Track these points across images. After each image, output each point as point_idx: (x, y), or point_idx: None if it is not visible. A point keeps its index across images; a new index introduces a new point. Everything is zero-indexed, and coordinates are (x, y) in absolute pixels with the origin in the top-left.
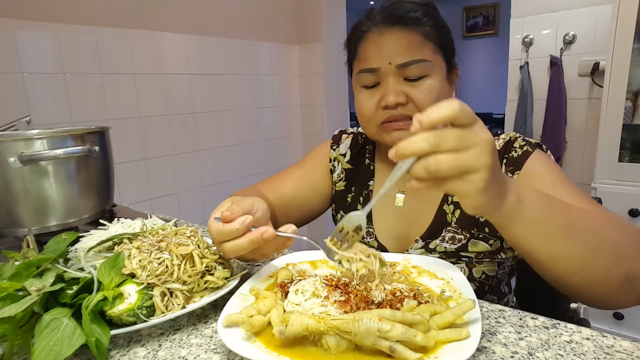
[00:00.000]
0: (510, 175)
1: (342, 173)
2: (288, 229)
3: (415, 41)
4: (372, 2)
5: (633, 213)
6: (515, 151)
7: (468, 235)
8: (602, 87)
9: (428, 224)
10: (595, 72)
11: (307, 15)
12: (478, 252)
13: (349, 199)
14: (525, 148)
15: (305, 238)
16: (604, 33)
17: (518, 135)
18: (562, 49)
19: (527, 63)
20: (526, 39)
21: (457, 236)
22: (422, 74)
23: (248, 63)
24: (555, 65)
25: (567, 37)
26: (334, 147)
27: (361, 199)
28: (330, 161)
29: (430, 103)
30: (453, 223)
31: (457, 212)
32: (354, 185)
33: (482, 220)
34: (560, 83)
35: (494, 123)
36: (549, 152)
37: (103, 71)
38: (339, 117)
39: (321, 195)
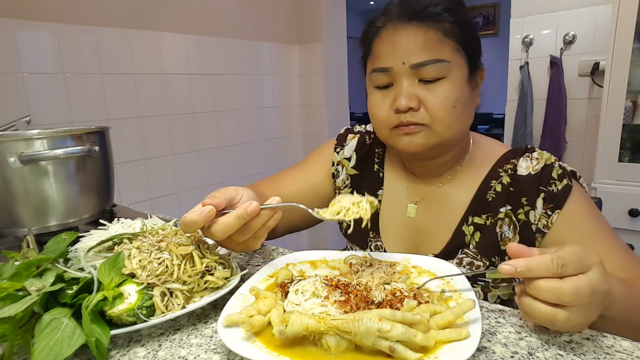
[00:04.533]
0: (550, 213)
1: (347, 179)
2: (272, 201)
3: (432, 39)
4: (372, 2)
5: (633, 213)
6: (555, 184)
7: (488, 263)
8: (602, 87)
9: (444, 242)
10: (595, 72)
11: (307, 15)
12: (496, 278)
13: None
14: (565, 182)
15: (293, 204)
16: (604, 33)
17: (553, 159)
18: (562, 49)
19: (527, 63)
20: (526, 39)
21: (476, 262)
22: (438, 76)
23: (248, 63)
24: (555, 65)
25: (567, 37)
26: (338, 150)
27: None
28: (333, 165)
29: (444, 110)
30: (472, 246)
31: (477, 235)
32: (361, 192)
33: (503, 248)
34: (560, 83)
35: (494, 123)
36: (581, 179)
37: (103, 71)
38: (339, 117)
39: (321, 199)
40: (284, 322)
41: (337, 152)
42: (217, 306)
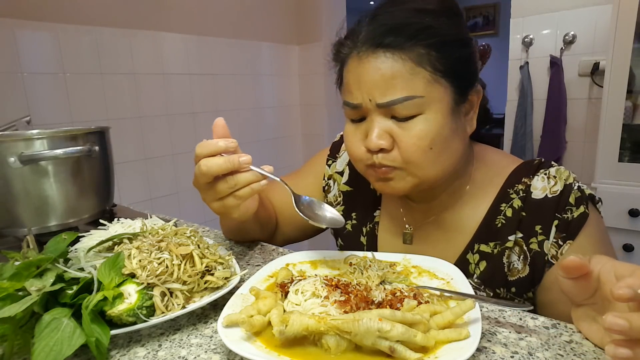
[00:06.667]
0: (561, 243)
1: (340, 196)
2: (265, 168)
3: (401, 72)
4: (372, 2)
5: (633, 213)
6: (571, 211)
7: (492, 294)
8: (602, 87)
9: None
10: (595, 72)
11: (307, 15)
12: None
13: (348, 227)
14: (581, 208)
15: (278, 179)
16: (604, 33)
17: (572, 178)
18: (562, 49)
19: (527, 63)
20: (526, 39)
21: (478, 293)
22: (412, 113)
23: (248, 63)
24: (555, 65)
25: (567, 37)
26: (330, 162)
27: (364, 230)
28: (324, 179)
29: (418, 153)
30: (475, 276)
31: (483, 265)
32: (355, 211)
33: (511, 279)
34: (560, 83)
35: (494, 123)
36: (599, 203)
37: (103, 71)
38: (339, 117)
39: None
40: (284, 322)
41: (329, 165)
42: (217, 306)
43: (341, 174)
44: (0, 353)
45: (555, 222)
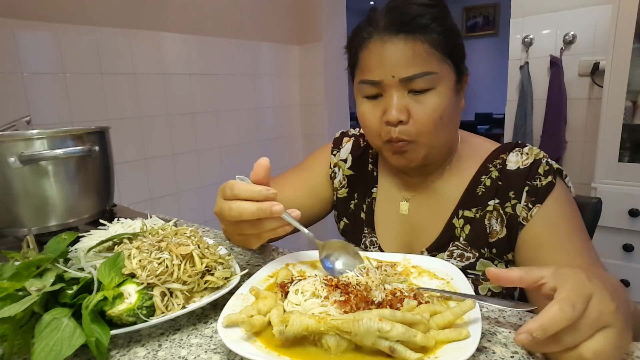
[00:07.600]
0: (531, 206)
1: (344, 180)
2: (292, 213)
3: (420, 52)
4: (372, 2)
5: (633, 213)
6: (540, 179)
7: (477, 255)
8: (602, 87)
9: (435, 235)
10: (595, 72)
11: (307, 15)
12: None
13: (351, 206)
14: (549, 178)
15: (306, 231)
16: (604, 33)
17: (542, 155)
18: (562, 49)
19: (527, 63)
20: (526, 39)
21: (466, 254)
22: (427, 87)
23: (248, 63)
24: (555, 65)
25: (567, 37)
26: (335, 152)
27: (364, 206)
28: (330, 167)
29: (431, 123)
30: (462, 239)
31: (467, 228)
32: (357, 192)
33: (491, 240)
34: (560, 83)
35: (494, 123)
36: (567, 178)
37: (103, 71)
38: (339, 117)
39: (321, 202)
40: (284, 322)
41: (334, 155)
42: (217, 306)
43: (345, 161)
44: (0, 353)
45: (526, 188)
